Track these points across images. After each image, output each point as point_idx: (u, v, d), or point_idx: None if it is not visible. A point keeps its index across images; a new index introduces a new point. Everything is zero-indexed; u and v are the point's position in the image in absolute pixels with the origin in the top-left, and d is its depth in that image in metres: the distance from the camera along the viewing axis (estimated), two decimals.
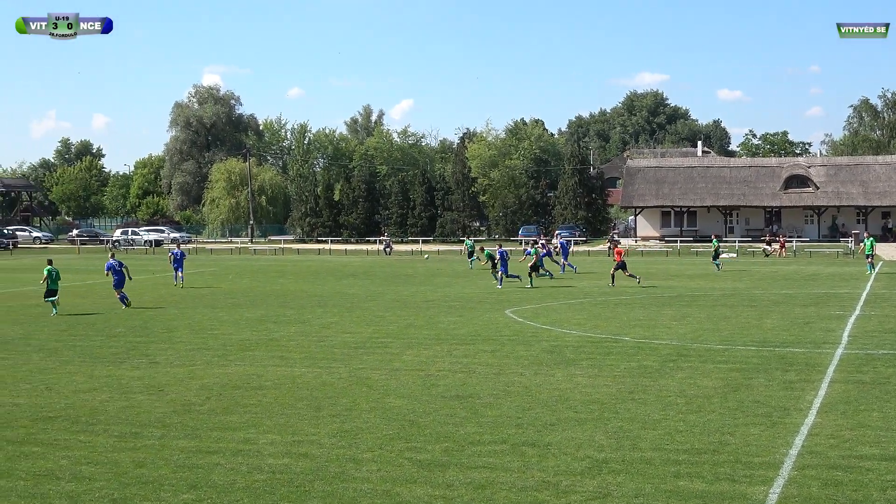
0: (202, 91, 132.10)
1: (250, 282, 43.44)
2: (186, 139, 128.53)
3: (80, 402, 15.74)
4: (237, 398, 15.98)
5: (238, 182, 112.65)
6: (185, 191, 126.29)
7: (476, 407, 15.06)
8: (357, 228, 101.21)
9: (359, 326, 25.79)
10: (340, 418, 14.37)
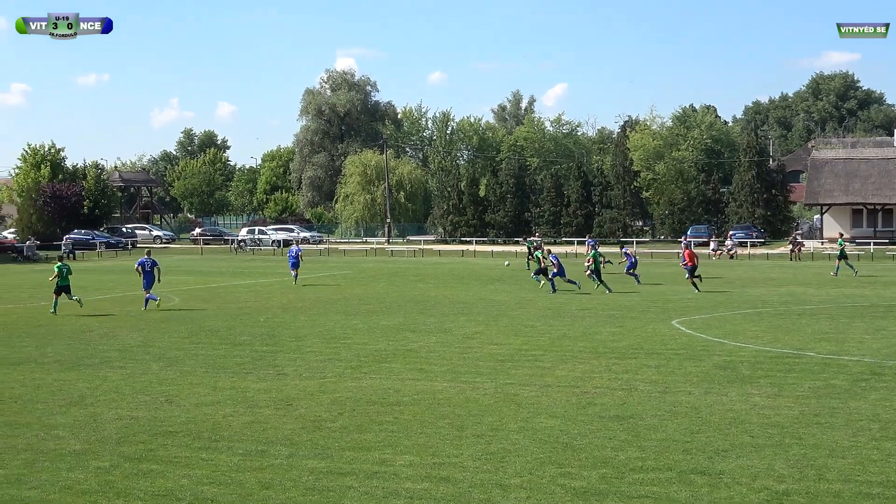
0: (335, 76, 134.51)
1: (387, 286, 44.03)
2: (318, 129, 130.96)
3: (203, 417, 16.23)
4: (372, 415, 16.18)
5: (374, 176, 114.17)
6: (316, 186, 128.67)
7: (638, 429, 14.87)
8: (504, 228, 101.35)
9: (506, 337, 25.80)
10: (485, 439, 14.38)
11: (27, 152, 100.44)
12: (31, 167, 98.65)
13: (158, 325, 29.39)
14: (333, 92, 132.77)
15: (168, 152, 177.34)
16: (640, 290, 40.62)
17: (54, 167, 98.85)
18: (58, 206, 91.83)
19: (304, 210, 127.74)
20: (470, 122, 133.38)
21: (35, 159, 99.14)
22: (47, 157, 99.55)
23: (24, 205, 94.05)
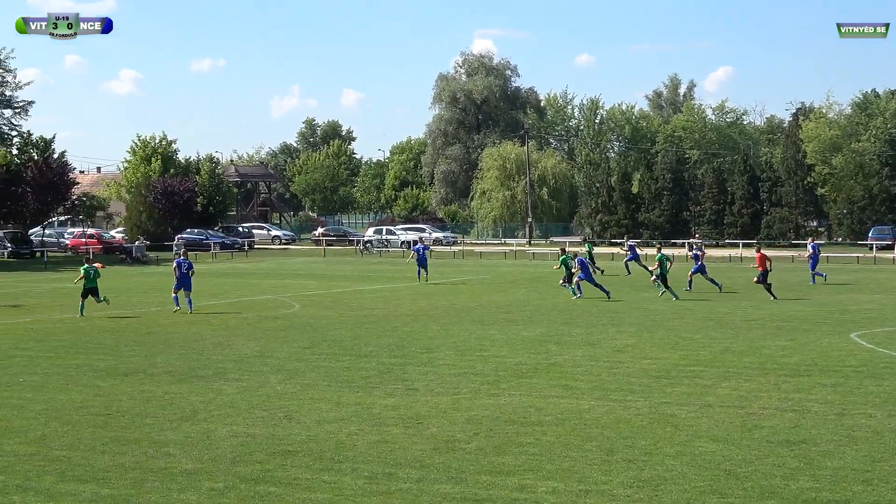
0: (472, 60, 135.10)
1: (528, 293, 44.02)
2: (452, 118, 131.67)
3: (325, 435, 16.46)
4: (511, 435, 16.19)
5: (514, 170, 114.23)
6: (449, 181, 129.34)
7: (811, 456, 14.58)
8: (660, 228, 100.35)
9: (662, 350, 25.54)
10: (638, 464, 14.28)
11: (137, 144, 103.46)
12: (141, 161, 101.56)
13: (277, 333, 29.93)
14: (469, 77, 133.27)
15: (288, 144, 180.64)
16: (819, 300, 39.72)
17: (165, 161, 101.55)
18: (169, 204, 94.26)
19: (437, 208, 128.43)
20: (621, 109, 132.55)
21: (145, 152, 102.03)
22: (158, 149, 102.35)
23: (133, 202, 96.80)
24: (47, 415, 18.12)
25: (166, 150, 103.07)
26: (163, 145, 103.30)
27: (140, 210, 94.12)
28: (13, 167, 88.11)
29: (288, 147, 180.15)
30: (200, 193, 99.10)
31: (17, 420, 17.69)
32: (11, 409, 18.58)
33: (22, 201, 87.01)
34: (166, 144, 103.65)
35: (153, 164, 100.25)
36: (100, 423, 17.37)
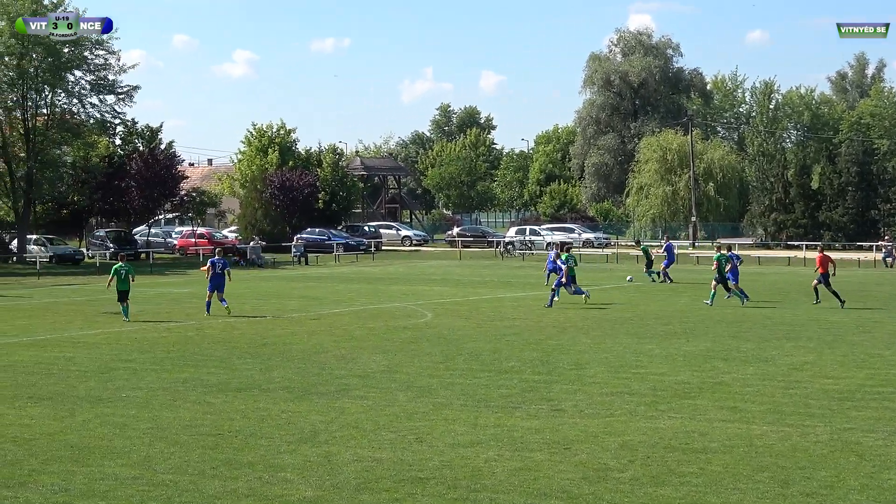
0: (627, 38, 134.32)
1: (690, 302, 43.57)
2: (605, 104, 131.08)
3: (460, 460, 16.50)
4: (671, 464, 16.05)
5: (675, 163, 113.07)
6: (602, 175, 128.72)
7: None
8: (844, 229, 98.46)
9: (845, 369, 25.07)
10: (817, 498, 14.08)
11: (252, 134, 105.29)
12: (257, 152, 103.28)
13: (407, 346, 30.12)
14: (625, 57, 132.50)
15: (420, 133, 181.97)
16: None
17: (284, 152, 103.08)
18: (287, 200, 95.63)
19: (587, 205, 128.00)
20: (799, 93, 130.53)
21: (261, 142, 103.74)
22: (275, 139, 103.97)
23: (247, 197, 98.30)
24: (152, 434, 18.51)
25: (284, 140, 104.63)
26: (280, 134, 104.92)
27: (255, 207, 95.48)
28: (116, 159, 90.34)
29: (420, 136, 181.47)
30: (322, 188, 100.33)
31: (120, 440, 18.11)
32: (113, 428, 19.03)
33: (125, 197, 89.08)
34: (284, 134, 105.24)
35: (270, 156, 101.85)
36: (210, 444, 17.69)
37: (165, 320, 37.72)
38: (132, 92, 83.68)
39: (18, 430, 18.77)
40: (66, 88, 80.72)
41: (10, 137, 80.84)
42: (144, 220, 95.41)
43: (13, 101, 79.90)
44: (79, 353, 28.99)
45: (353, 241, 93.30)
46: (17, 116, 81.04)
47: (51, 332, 34.28)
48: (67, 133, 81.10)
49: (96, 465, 16.29)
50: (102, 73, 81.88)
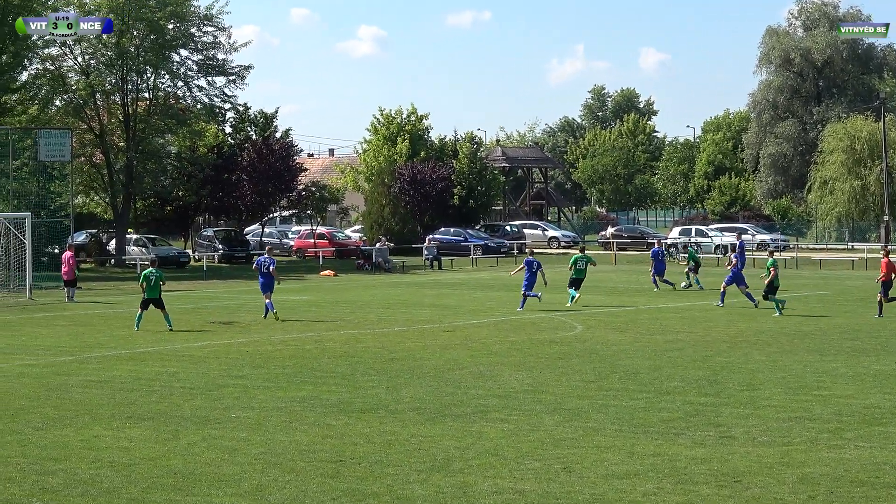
0: (810, 9, 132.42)
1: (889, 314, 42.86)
2: (784, 86, 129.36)
3: (614, 494, 16.46)
4: (858, 499, 15.90)
5: (865, 153, 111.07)
6: (779, 167, 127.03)
7: None
8: None
9: None
10: None
11: (379, 120, 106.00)
12: (384, 141, 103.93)
13: (553, 362, 30.11)
14: (807, 32, 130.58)
15: (570, 120, 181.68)
16: None
17: (415, 141, 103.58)
18: (419, 195, 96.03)
19: (762, 202, 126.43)
20: None
21: (389, 130, 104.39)
22: (405, 126, 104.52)
23: (373, 193, 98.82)
24: (265, 460, 18.75)
25: (415, 128, 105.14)
26: (411, 121, 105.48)
27: (382, 204, 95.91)
28: (226, 150, 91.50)
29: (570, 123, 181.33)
30: (458, 182, 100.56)
31: (230, 466, 18.37)
32: (223, 452, 19.32)
33: (236, 192, 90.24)
34: (416, 120, 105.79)
35: (399, 146, 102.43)
36: (330, 472, 17.86)
37: (280, 332, 38.17)
38: (244, 73, 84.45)
39: (116, 454, 19.15)
40: (171, 69, 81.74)
41: (109, 125, 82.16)
42: (257, 218, 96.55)
43: (112, 85, 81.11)
44: (183, 368, 29.48)
45: (492, 243, 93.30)
46: (115, 101, 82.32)
47: (152, 345, 34.92)
48: (171, 120, 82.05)
49: (202, 495, 16.55)
50: (211, 52, 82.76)
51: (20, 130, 71.09)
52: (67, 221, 68.21)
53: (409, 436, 20.53)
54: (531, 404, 23.72)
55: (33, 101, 79.17)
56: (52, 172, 74.06)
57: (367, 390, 25.72)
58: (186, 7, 79.67)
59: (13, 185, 68.09)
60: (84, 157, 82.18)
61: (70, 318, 43.31)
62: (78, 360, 31.39)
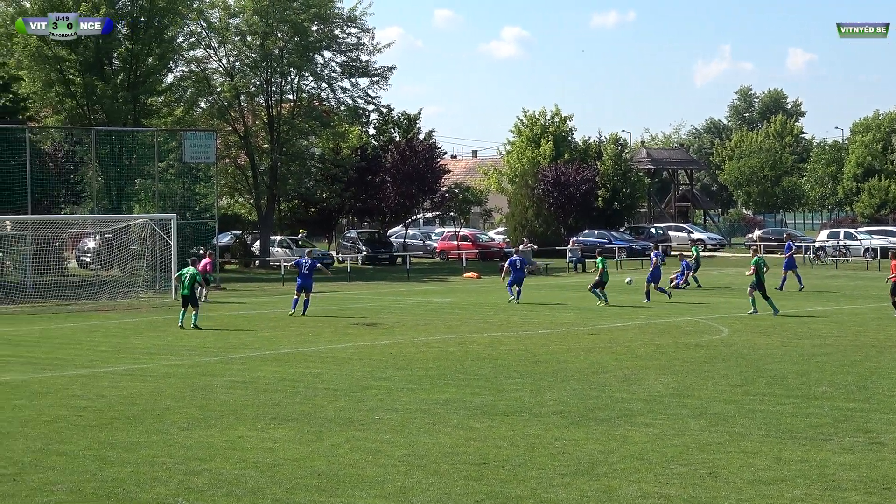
0: None
1: None
2: None
3: (761, 500, 16.37)
4: None
5: None
6: None
7: None
8: None
9: None
10: None
11: (522, 122, 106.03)
12: (528, 143, 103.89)
13: (699, 366, 29.91)
14: None
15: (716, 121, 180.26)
16: None
17: (558, 142, 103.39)
18: (563, 197, 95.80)
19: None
20: None
21: (533, 132, 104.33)
22: (549, 128, 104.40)
23: (517, 195, 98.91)
24: (409, 462, 18.87)
25: (559, 129, 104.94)
26: (555, 123, 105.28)
27: (526, 205, 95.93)
28: (369, 151, 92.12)
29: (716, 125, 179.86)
30: (602, 184, 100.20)
31: (372, 468, 18.50)
32: (366, 454, 19.46)
33: (380, 194, 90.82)
34: (559, 121, 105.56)
35: (543, 147, 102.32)
36: (473, 475, 17.92)
37: (424, 334, 38.35)
38: (387, 74, 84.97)
39: (261, 455, 19.40)
40: (314, 71, 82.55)
41: (253, 127, 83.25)
42: (401, 219, 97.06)
43: (256, 87, 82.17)
44: (327, 370, 29.76)
45: (637, 245, 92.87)
46: (259, 103, 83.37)
47: (296, 346, 35.30)
48: (315, 121, 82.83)
49: (346, 496, 16.70)
50: (354, 53, 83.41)
51: (166, 132, 72.18)
52: (212, 223, 69.03)
53: (552, 439, 20.53)
54: (676, 408, 23.61)
55: (178, 103, 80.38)
56: (197, 174, 75.10)
57: (511, 393, 25.76)
58: (330, 9, 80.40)
59: (159, 187, 69.26)
60: (229, 158, 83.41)
61: (215, 320, 43.88)
62: (223, 361, 31.84)
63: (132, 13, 72.87)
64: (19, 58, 70.80)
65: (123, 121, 70.31)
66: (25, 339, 38.13)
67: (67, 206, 70.32)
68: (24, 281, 58.21)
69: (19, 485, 17.40)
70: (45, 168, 68.77)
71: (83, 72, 70.52)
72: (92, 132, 66.04)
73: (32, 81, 70.93)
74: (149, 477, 17.86)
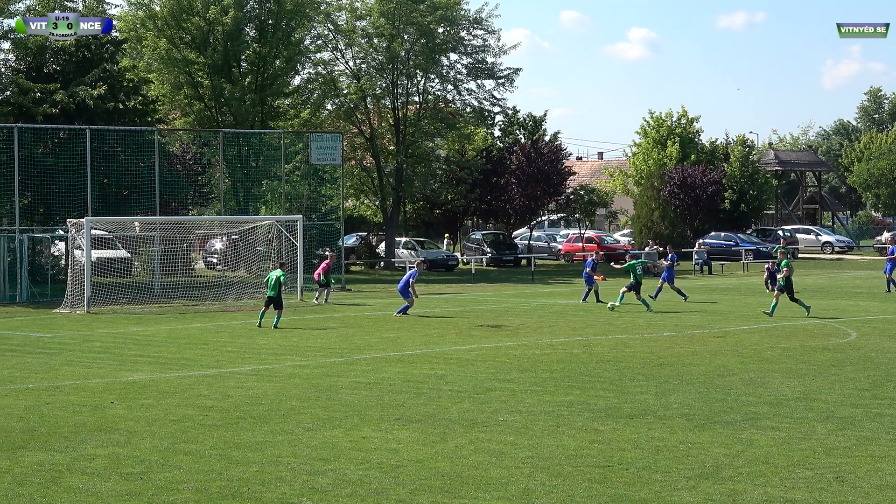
0: None
1: None
2: None
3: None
4: None
5: None
6: None
7: None
8: None
9: None
10: None
11: (648, 123, 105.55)
12: (654, 144, 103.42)
13: (826, 369, 29.58)
14: None
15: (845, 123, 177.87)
16: None
17: (685, 144, 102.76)
18: (689, 199, 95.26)
19: None
20: None
21: (659, 133, 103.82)
22: (675, 129, 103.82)
23: (642, 196, 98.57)
24: (532, 464, 18.87)
25: (686, 131, 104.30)
26: (681, 124, 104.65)
27: (651, 207, 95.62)
28: (495, 153, 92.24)
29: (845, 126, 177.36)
30: (729, 186, 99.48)
31: (496, 469, 18.52)
32: (489, 456, 19.49)
33: (505, 196, 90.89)
34: (686, 123, 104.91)
35: (669, 149, 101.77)
36: (597, 477, 17.88)
37: (548, 336, 38.31)
38: (513, 76, 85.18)
39: (385, 456, 19.50)
40: (440, 73, 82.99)
41: (379, 129, 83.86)
42: (525, 221, 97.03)
43: (382, 89, 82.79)
44: (451, 371, 29.84)
45: (764, 248, 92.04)
46: (385, 105, 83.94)
47: (421, 347, 35.43)
48: (441, 123, 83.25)
49: (469, 498, 16.75)
50: (480, 55, 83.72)
51: (292, 134, 72.79)
52: (338, 224, 69.47)
53: (677, 442, 20.43)
54: (803, 412, 23.39)
55: (305, 105, 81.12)
56: (323, 176, 75.62)
57: (635, 396, 25.67)
58: (457, 11, 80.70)
59: (285, 189, 69.87)
60: (355, 160, 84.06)
61: (340, 320, 44.21)
62: (347, 362, 32.05)
63: (260, 16, 73.73)
64: (149, 60, 72.00)
65: (251, 123, 71.11)
66: (153, 339, 38.67)
67: (195, 207, 71.31)
68: (152, 282, 59.08)
69: (146, 483, 17.66)
70: (173, 170, 69.62)
71: (211, 74, 71.54)
72: (220, 134, 66.86)
73: (161, 84, 72.12)
74: (273, 477, 18.03)
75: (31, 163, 57.69)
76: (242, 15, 70.99)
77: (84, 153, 57.68)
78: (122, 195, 63.13)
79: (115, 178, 63.14)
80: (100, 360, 32.88)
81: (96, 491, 17.20)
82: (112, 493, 17.04)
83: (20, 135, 56.34)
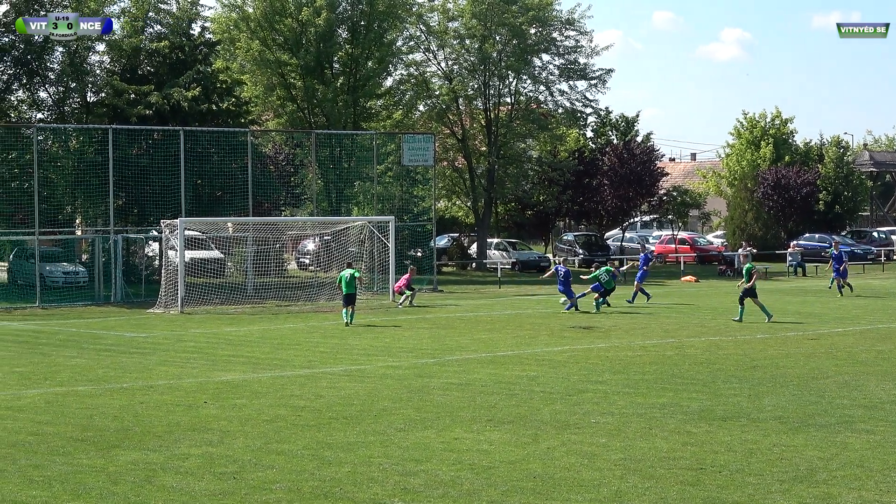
0: None
1: None
2: None
3: None
4: None
5: None
6: None
7: None
8: None
9: None
10: None
11: (742, 124, 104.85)
12: (748, 145, 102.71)
13: None
14: None
15: None
16: None
17: (779, 145, 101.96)
18: (783, 201, 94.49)
19: None
20: None
21: (753, 134, 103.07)
22: (769, 130, 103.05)
23: (736, 198, 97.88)
24: (624, 466, 18.85)
25: (780, 132, 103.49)
26: (775, 125, 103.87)
27: (745, 209, 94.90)
28: (587, 154, 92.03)
29: None
30: (823, 188, 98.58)
31: (588, 471, 18.53)
32: (581, 458, 19.50)
33: (597, 197, 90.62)
34: (780, 124, 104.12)
35: (763, 150, 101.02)
36: (689, 480, 17.84)
37: (640, 338, 38.21)
38: (605, 77, 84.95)
39: (476, 457, 19.56)
40: (532, 74, 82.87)
41: (471, 130, 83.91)
42: (618, 223, 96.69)
43: (474, 90, 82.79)
44: (543, 373, 29.85)
45: (859, 250, 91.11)
46: (477, 106, 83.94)
47: (513, 348, 35.46)
48: (533, 124, 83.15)
49: (561, 499, 16.77)
50: (572, 56, 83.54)
51: (385, 135, 73.02)
52: (430, 225, 69.59)
53: (770, 445, 20.33)
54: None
55: (397, 106, 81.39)
56: (415, 177, 75.84)
57: (728, 398, 25.57)
58: (549, 12, 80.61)
59: (377, 189, 70.10)
60: (447, 161, 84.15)
61: (431, 321, 44.34)
62: (439, 363, 32.16)
63: (352, 17, 74.08)
64: (242, 62, 72.56)
65: (343, 124, 71.47)
66: (246, 340, 39.00)
67: (287, 208, 71.66)
68: (244, 282, 59.53)
69: (239, 482, 17.83)
70: (265, 171, 70.10)
71: (304, 76, 72.04)
72: (312, 135, 67.24)
73: (254, 85, 72.72)
74: (365, 477, 18.14)
75: (125, 164, 58.29)
76: (335, 16, 71.36)
77: (178, 154, 58.17)
78: (215, 196, 63.59)
79: (209, 179, 63.58)
80: (193, 360, 33.23)
81: (189, 490, 17.39)
82: (205, 493, 17.23)
83: (115, 136, 56.98)
